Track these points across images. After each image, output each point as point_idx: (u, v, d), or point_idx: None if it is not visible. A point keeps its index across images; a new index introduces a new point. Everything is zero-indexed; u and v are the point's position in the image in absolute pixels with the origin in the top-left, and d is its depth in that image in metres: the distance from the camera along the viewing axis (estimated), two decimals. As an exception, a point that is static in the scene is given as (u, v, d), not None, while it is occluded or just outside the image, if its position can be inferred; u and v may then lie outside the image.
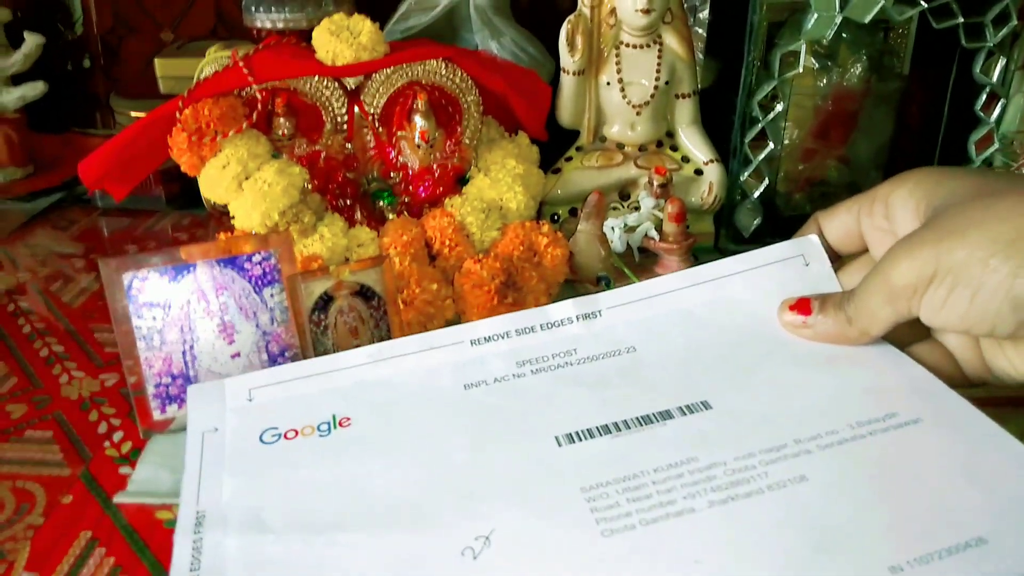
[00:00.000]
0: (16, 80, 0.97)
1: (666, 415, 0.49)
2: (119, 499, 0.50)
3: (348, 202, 0.73)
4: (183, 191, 0.92)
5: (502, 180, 0.73)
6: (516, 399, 0.52)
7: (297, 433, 0.50)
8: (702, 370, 0.52)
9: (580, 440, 0.48)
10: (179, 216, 0.91)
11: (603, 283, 0.71)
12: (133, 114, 0.95)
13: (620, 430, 0.48)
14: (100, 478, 0.52)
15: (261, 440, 0.49)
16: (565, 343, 0.55)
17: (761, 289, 0.56)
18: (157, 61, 0.94)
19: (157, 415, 0.55)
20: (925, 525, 0.40)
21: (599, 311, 0.56)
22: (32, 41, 0.96)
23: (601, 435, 0.48)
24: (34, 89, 0.97)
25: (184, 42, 1.03)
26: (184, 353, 0.56)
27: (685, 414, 0.49)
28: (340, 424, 0.50)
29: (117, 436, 0.56)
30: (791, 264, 0.57)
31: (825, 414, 0.47)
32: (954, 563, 0.38)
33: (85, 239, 0.86)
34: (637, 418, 0.49)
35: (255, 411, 0.51)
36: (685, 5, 0.90)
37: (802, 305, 0.53)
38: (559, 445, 0.48)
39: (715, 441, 0.46)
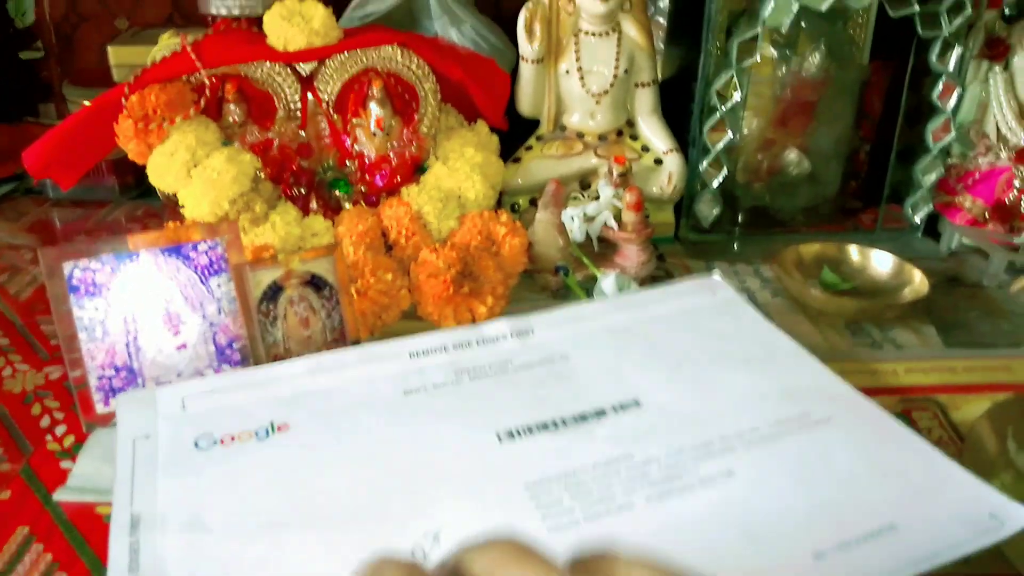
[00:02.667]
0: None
1: (600, 413, 0.51)
2: (59, 495, 0.49)
3: (303, 191, 0.72)
4: (136, 181, 0.90)
5: (460, 169, 0.72)
6: (456, 401, 0.53)
7: (234, 439, 0.49)
8: (631, 373, 0.55)
9: (520, 436, 0.49)
10: (132, 207, 0.89)
11: (562, 272, 0.71)
12: (86, 103, 0.92)
13: (558, 427, 0.50)
14: (41, 473, 0.50)
15: (196, 446, 0.48)
16: (501, 355, 0.57)
17: (679, 310, 0.61)
18: (110, 49, 0.92)
19: (100, 408, 0.54)
20: (842, 514, 0.43)
21: (532, 329, 0.59)
22: (-20, 28, 0.93)
23: (540, 432, 0.50)
24: (-17, 78, 0.94)
25: (138, 30, 1.01)
26: (128, 344, 0.54)
27: (618, 412, 0.51)
28: (279, 429, 0.49)
29: (60, 430, 0.54)
30: (702, 293, 0.63)
31: (746, 412, 0.51)
32: (870, 548, 0.41)
33: (36, 230, 0.84)
34: (574, 416, 0.51)
35: (189, 418, 0.50)
36: (646, -7, 0.90)
37: None
38: (500, 441, 0.49)
39: (648, 437, 0.49)
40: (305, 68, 0.70)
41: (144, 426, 0.50)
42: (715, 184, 0.77)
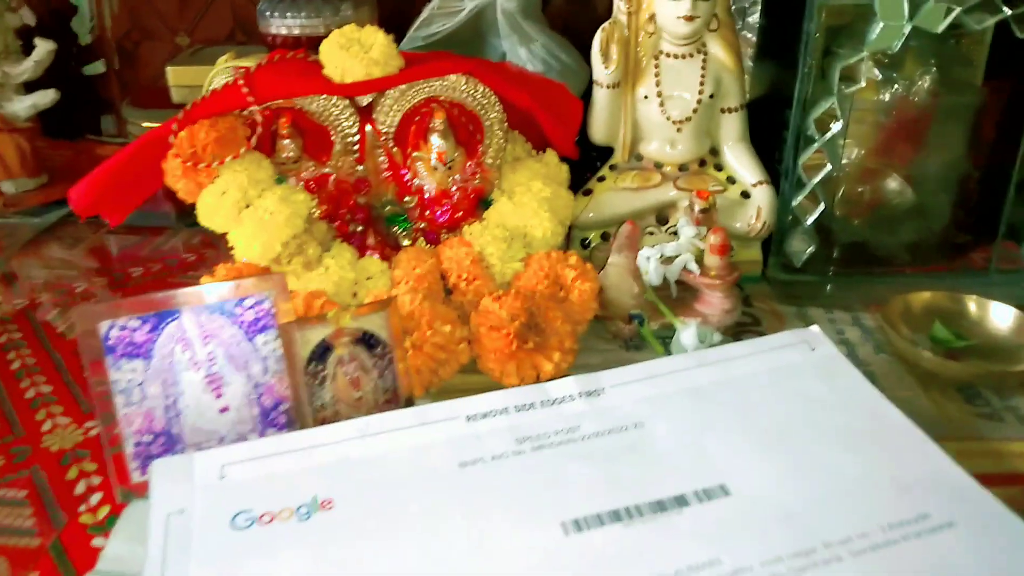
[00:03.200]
0: (28, 87, 0.93)
1: (681, 501, 0.45)
2: (88, 580, 0.45)
3: (360, 228, 0.67)
4: (194, 208, 0.87)
5: (527, 204, 0.66)
6: (516, 479, 0.47)
7: (273, 517, 0.44)
8: (716, 448, 0.48)
9: (588, 528, 0.43)
10: (189, 234, 0.86)
11: (636, 321, 0.64)
12: (144, 124, 0.90)
13: (632, 516, 0.44)
14: (71, 550, 0.47)
15: (232, 524, 0.44)
16: (567, 420, 0.51)
17: (770, 369, 0.54)
18: (169, 69, 0.90)
19: (136, 477, 0.50)
20: None
21: (602, 388, 0.53)
22: (43, 48, 0.92)
23: (611, 522, 0.44)
24: (45, 97, 0.93)
25: (199, 48, 0.98)
26: (167, 408, 0.51)
27: (702, 500, 0.45)
28: (322, 506, 0.45)
29: (95, 498, 0.51)
30: (797, 348, 0.56)
31: (854, 510, 0.44)
32: None
33: (91, 258, 0.82)
34: (650, 503, 0.45)
35: (227, 491, 0.46)
36: (733, 7, 0.83)
37: None
38: (566, 533, 0.43)
39: (738, 538, 0.42)
40: (363, 98, 0.65)
41: (179, 500, 0.46)
42: (810, 220, 0.70)
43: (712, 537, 0.43)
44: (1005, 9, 0.62)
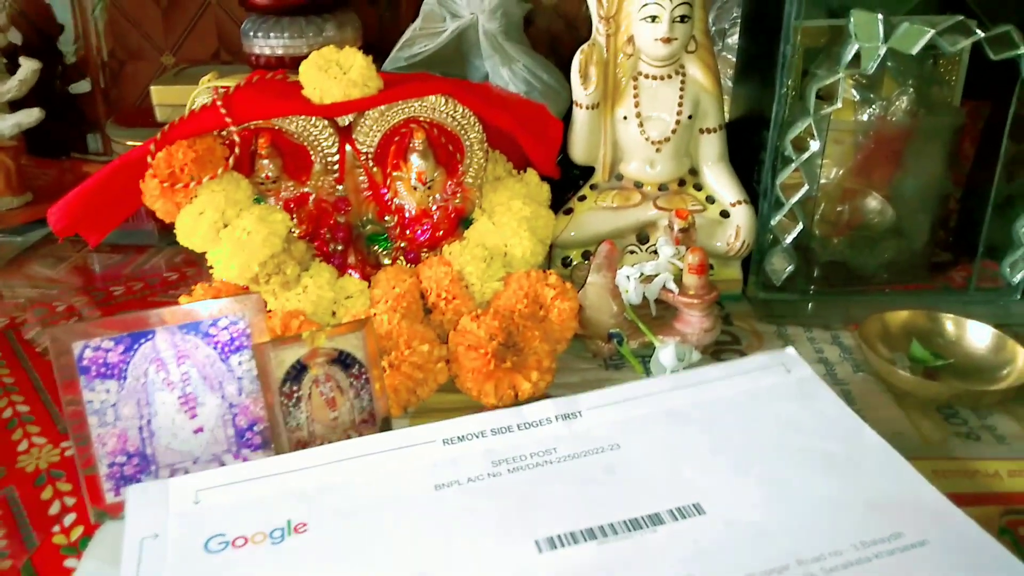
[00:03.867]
0: (13, 106, 0.94)
1: (656, 519, 0.45)
2: (58, 602, 0.45)
3: (340, 247, 0.67)
4: (176, 226, 0.87)
5: (507, 224, 0.67)
6: (491, 500, 0.47)
7: (247, 540, 0.44)
8: (691, 469, 0.48)
9: (563, 546, 0.43)
10: (172, 252, 0.86)
11: (615, 340, 0.65)
12: (129, 143, 0.90)
13: (606, 535, 0.44)
14: (42, 572, 0.47)
15: (206, 549, 0.43)
16: (544, 442, 0.51)
17: (746, 391, 0.54)
18: (153, 89, 0.90)
19: (110, 498, 0.50)
20: None
21: (579, 411, 0.53)
22: (28, 67, 0.92)
23: (586, 540, 0.44)
24: (29, 116, 0.93)
25: (182, 67, 0.98)
26: (141, 429, 0.50)
27: (677, 519, 0.45)
28: (295, 530, 0.45)
29: (68, 519, 0.51)
30: (773, 370, 0.56)
31: (828, 529, 0.43)
32: None
33: (73, 277, 0.82)
34: (625, 522, 0.44)
35: (201, 515, 0.45)
36: (712, 29, 0.84)
37: None
38: (540, 551, 0.43)
39: (712, 556, 0.42)
40: (343, 119, 0.66)
41: (153, 524, 0.46)
42: (789, 240, 0.70)
43: (686, 555, 0.43)
44: (978, 31, 0.63)
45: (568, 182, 0.77)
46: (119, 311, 0.67)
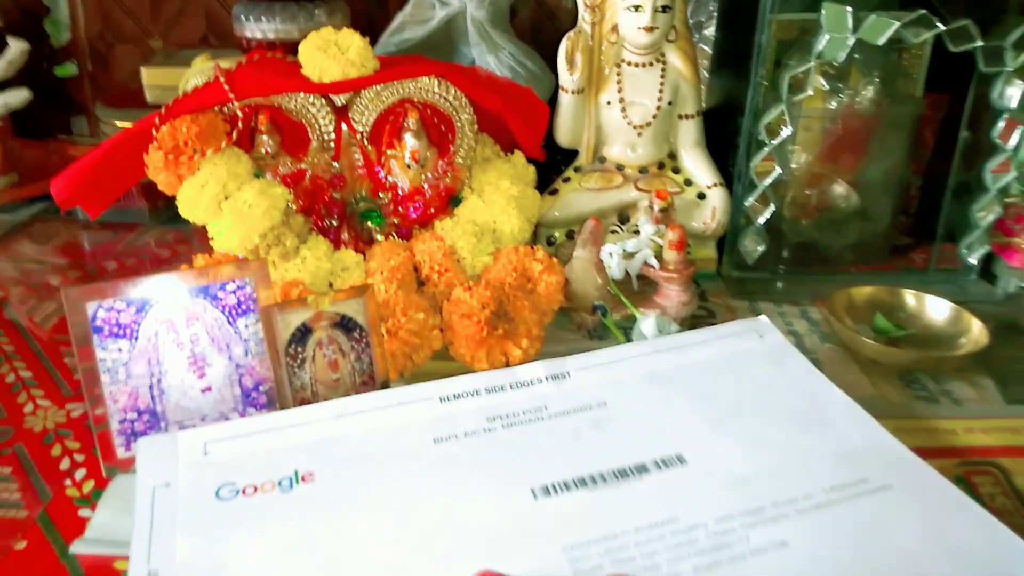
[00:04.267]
0: (-1, 87, 0.94)
1: (642, 468, 0.48)
2: (76, 548, 0.47)
3: (334, 223, 0.70)
4: (167, 205, 0.88)
5: (496, 202, 0.70)
6: (488, 452, 0.50)
7: (256, 489, 0.47)
8: (673, 425, 0.52)
9: (557, 493, 0.47)
10: (163, 231, 0.88)
11: (599, 312, 0.68)
12: (118, 124, 0.91)
13: (597, 483, 0.47)
14: (58, 521, 0.49)
15: (217, 496, 0.46)
16: (535, 400, 0.54)
17: (722, 355, 0.58)
18: (143, 70, 0.91)
19: (121, 453, 0.52)
20: None
21: (567, 372, 0.57)
22: (16, 47, 0.93)
23: (578, 488, 0.47)
24: (18, 96, 0.94)
25: (173, 51, 1.00)
26: (151, 387, 0.53)
27: (661, 468, 0.48)
28: (303, 479, 0.47)
29: (79, 474, 0.53)
30: (747, 336, 0.60)
31: (799, 475, 0.47)
32: None
33: (65, 254, 0.83)
34: (613, 471, 0.48)
35: (210, 466, 0.48)
36: (691, 21, 0.88)
37: None
38: (535, 498, 0.46)
39: (694, 500, 0.46)
40: (340, 98, 0.68)
41: (164, 474, 0.48)
42: (761, 220, 0.74)
43: (670, 499, 0.46)
44: (939, 25, 0.67)
45: (552, 165, 0.80)
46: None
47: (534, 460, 0.50)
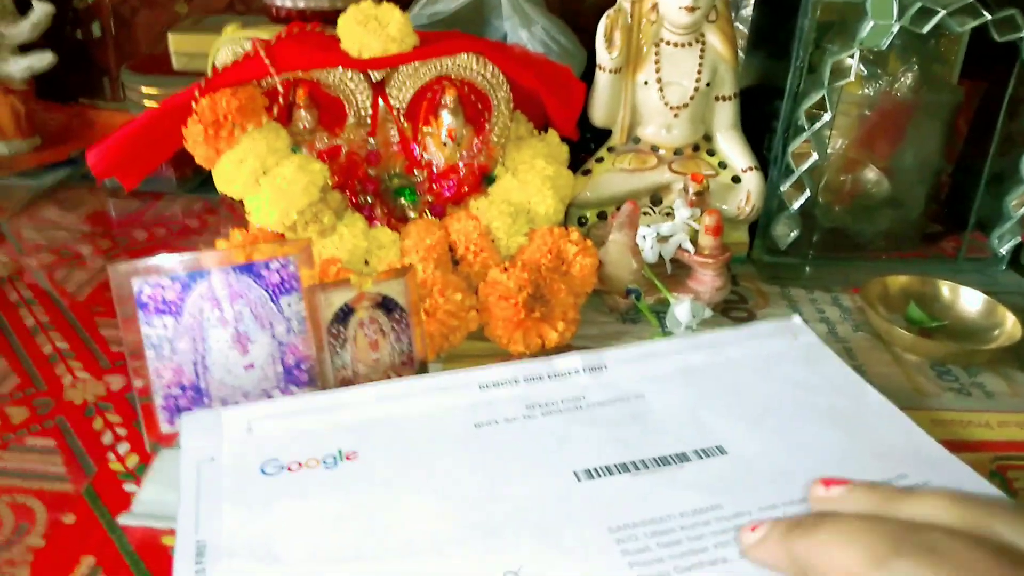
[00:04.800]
0: (23, 49, 0.93)
1: (683, 457, 0.49)
2: (124, 520, 0.47)
3: (369, 200, 0.70)
4: (194, 174, 0.88)
5: (531, 182, 0.69)
6: (529, 437, 0.51)
7: (301, 465, 0.47)
8: (711, 419, 0.52)
9: (600, 476, 0.47)
10: (189, 200, 0.87)
11: (633, 296, 0.68)
12: (144, 90, 0.91)
13: (639, 469, 0.48)
14: (104, 496, 0.49)
15: (263, 472, 0.46)
16: (573, 390, 0.55)
17: (757, 354, 0.58)
18: (171, 36, 0.90)
19: (165, 428, 0.52)
20: None
21: (605, 365, 0.57)
22: (41, 9, 0.92)
23: (620, 473, 0.47)
24: (42, 60, 0.93)
25: (200, 17, 0.98)
26: (196, 364, 0.53)
27: (702, 458, 0.49)
28: (347, 458, 0.48)
29: (123, 448, 0.53)
30: (782, 336, 0.60)
31: (839, 470, 0.47)
32: None
33: (92, 222, 0.83)
34: (655, 458, 0.48)
35: (255, 442, 0.48)
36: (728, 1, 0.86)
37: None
38: (578, 480, 0.47)
39: (736, 488, 0.46)
40: (377, 74, 0.67)
41: (209, 449, 0.48)
42: (796, 206, 0.74)
43: (713, 487, 0.46)
44: (985, 14, 0.67)
45: (582, 144, 0.80)
46: (146, 254, 0.69)
47: (575, 446, 0.50)
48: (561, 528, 0.44)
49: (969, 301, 0.68)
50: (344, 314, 0.55)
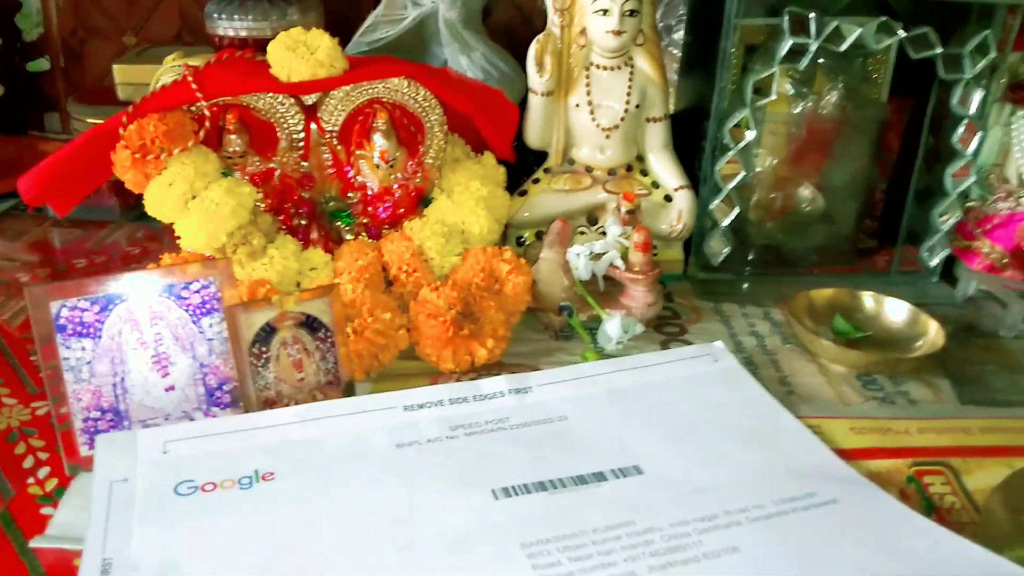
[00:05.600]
0: (-30, 82, 0.94)
1: (600, 476, 0.50)
2: (36, 543, 0.47)
3: (304, 222, 0.70)
4: (138, 202, 0.88)
5: (465, 203, 0.70)
6: (450, 457, 0.51)
7: (216, 486, 0.47)
8: (631, 439, 0.54)
9: (517, 495, 0.48)
10: (133, 228, 0.88)
11: (566, 312, 0.69)
12: (90, 120, 0.91)
13: (556, 488, 0.49)
14: (19, 519, 0.49)
15: (176, 492, 0.47)
16: (497, 412, 0.56)
17: (679, 376, 0.61)
18: (115, 67, 0.91)
19: (84, 451, 0.52)
20: None
21: (530, 387, 0.58)
22: (-13, 42, 0.93)
23: (537, 491, 0.48)
24: (-11, 92, 0.94)
25: (145, 47, 0.99)
26: (115, 386, 0.53)
27: (618, 477, 0.50)
28: (263, 478, 0.48)
29: (43, 472, 0.53)
30: (703, 360, 0.63)
31: (751, 488, 0.49)
32: None
33: (34, 251, 0.83)
34: (572, 477, 0.49)
35: (170, 463, 0.49)
36: (660, 25, 0.88)
37: None
38: (496, 498, 0.47)
39: (650, 506, 0.47)
40: (309, 98, 0.68)
41: (123, 470, 0.49)
42: (726, 223, 0.75)
43: (627, 505, 0.47)
44: (901, 32, 0.69)
45: (523, 166, 0.81)
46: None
47: (495, 466, 0.51)
48: (475, 546, 0.44)
49: (894, 311, 0.70)
50: (266, 334, 0.55)
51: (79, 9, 1.01)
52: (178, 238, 0.64)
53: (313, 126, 0.69)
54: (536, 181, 0.79)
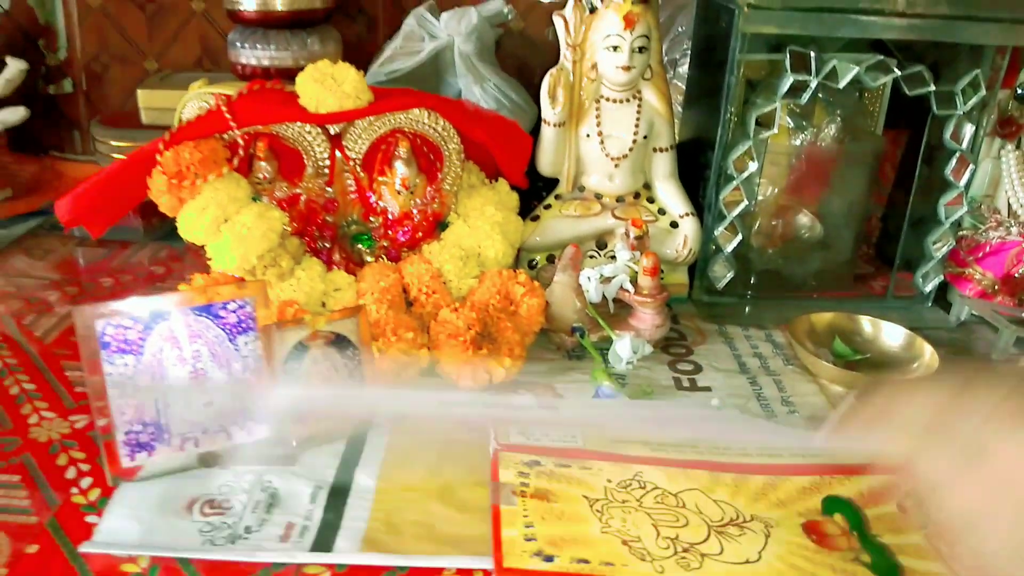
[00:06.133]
0: (-4, 105, 0.97)
1: None
2: (84, 549, 0.50)
3: (327, 245, 0.74)
4: (160, 223, 0.91)
5: (481, 228, 0.74)
6: None
7: None
8: None
9: None
10: (156, 248, 0.90)
11: (578, 333, 0.72)
12: (113, 143, 0.94)
13: None
14: (67, 527, 0.51)
15: None
16: None
17: None
18: (140, 92, 0.94)
19: (126, 462, 0.55)
20: None
21: None
22: (15, 67, 0.96)
23: None
24: (15, 114, 0.96)
25: (168, 73, 1.03)
26: (156, 401, 0.56)
27: None
28: None
29: (85, 482, 0.55)
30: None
31: None
32: None
33: (61, 270, 0.86)
34: None
35: None
36: (665, 59, 0.92)
37: None
38: None
39: None
40: (334, 127, 0.72)
41: None
42: (729, 249, 0.79)
43: None
44: (896, 70, 0.72)
45: (533, 192, 0.85)
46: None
47: None
48: None
49: (891, 336, 0.73)
50: (298, 352, 0.58)
51: (102, 35, 1.05)
52: (209, 259, 0.67)
53: (338, 153, 0.72)
54: (547, 207, 0.82)
